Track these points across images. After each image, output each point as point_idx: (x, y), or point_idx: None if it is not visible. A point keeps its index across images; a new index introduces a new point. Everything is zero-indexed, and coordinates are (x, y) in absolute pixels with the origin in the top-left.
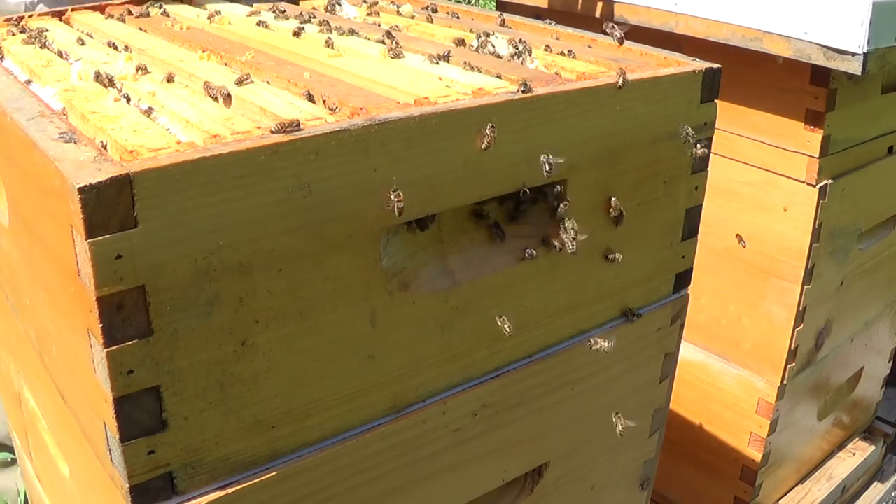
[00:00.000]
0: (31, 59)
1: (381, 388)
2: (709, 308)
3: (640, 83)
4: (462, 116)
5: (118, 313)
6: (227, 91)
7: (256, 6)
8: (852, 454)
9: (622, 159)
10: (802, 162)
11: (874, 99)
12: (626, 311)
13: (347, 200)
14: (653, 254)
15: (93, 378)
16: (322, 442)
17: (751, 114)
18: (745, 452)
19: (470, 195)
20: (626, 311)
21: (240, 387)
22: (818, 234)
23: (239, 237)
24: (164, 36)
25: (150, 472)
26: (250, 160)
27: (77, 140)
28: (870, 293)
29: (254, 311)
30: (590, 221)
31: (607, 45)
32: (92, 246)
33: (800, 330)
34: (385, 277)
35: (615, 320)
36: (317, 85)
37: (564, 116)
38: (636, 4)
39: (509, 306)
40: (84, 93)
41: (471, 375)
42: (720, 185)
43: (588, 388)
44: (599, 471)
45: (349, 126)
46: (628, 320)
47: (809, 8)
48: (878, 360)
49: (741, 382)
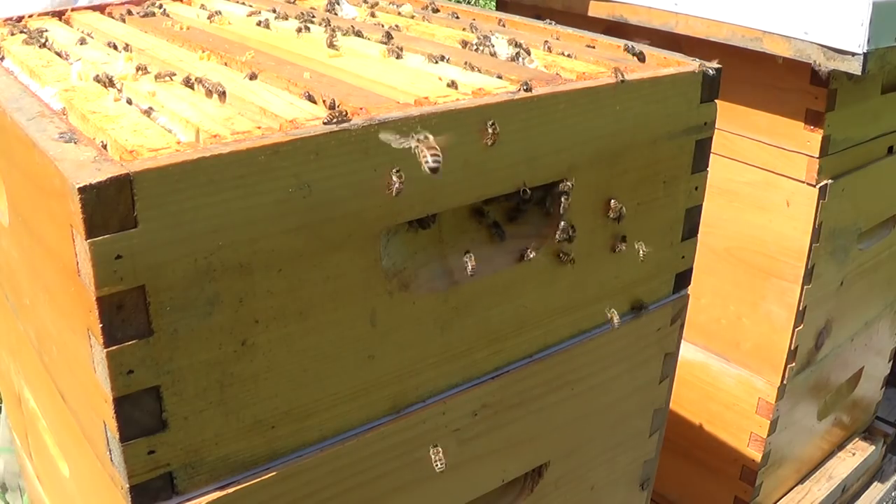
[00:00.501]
0: (31, 59)
1: (381, 388)
2: (709, 308)
3: (640, 83)
4: (462, 116)
5: (118, 313)
6: (222, 88)
7: (256, 6)
8: (852, 454)
9: (622, 159)
10: (802, 162)
11: (874, 99)
12: (635, 304)
13: (347, 200)
14: (653, 254)
15: (93, 378)
16: (322, 442)
17: (751, 114)
18: (745, 452)
19: (470, 195)
20: (635, 304)
21: (240, 387)
22: (818, 234)
23: (239, 237)
24: (164, 36)
25: (150, 472)
26: (250, 160)
27: (77, 140)
28: (870, 293)
29: (254, 311)
30: (589, 221)
31: (607, 45)
32: (92, 246)
33: (800, 330)
34: (385, 277)
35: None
36: (317, 85)
37: (564, 116)
38: (636, 4)
39: (509, 306)
40: (84, 93)
41: (471, 375)
42: (720, 185)
43: (588, 388)
44: (599, 471)
45: (349, 126)
46: (637, 315)
47: (809, 8)
48: (878, 360)
49: (741, 382)
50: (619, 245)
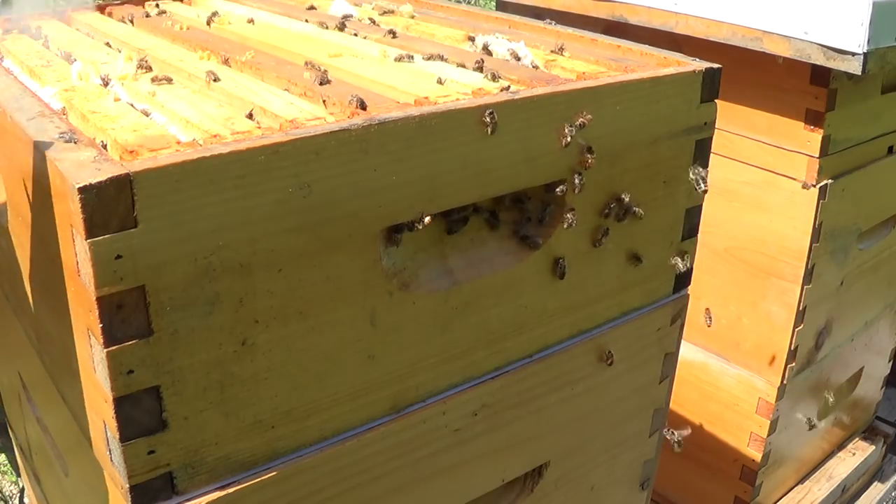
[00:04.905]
0: (31, 59)
1: (381, 388)
2: (709, 308)
3: (640, 83)
4: (462, 116)
5: (118, 313)
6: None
7: (257, 5)
8: (852, 454)
9: (622, 159)
10: (802, 162)
11: (874, 99)
12: (631, 255)
13: (347, 200)
14: (653, 254)
15: (93, 378)
16: (322, 442)
17: (751, 114)
18: (745, 452)
19: (470, 195)
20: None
21: (240, 387)
22: (818, 234)
23: (239, 237)
24: (164, 36)
25: (150, 472)
26: (250, 160)
27: (77, 140)
28: (870, 293)
29: (254, 311)
30: (589, 221)
31: (607, 45)
32: (92, 246)
33: (800, 330)
34: (385, 277)
35: (615, 320)
36: (317, 85)
37: (564, 116)
38: (636, 4)
39: (509, 306)
40: (84, 93)
41: (471, 375)
42: (720, 185)
43: (588, 388)
44: (599, 471)
45: (349, 126)
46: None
47: (809, 8)
48: (878, 360)
49: (741, 382)
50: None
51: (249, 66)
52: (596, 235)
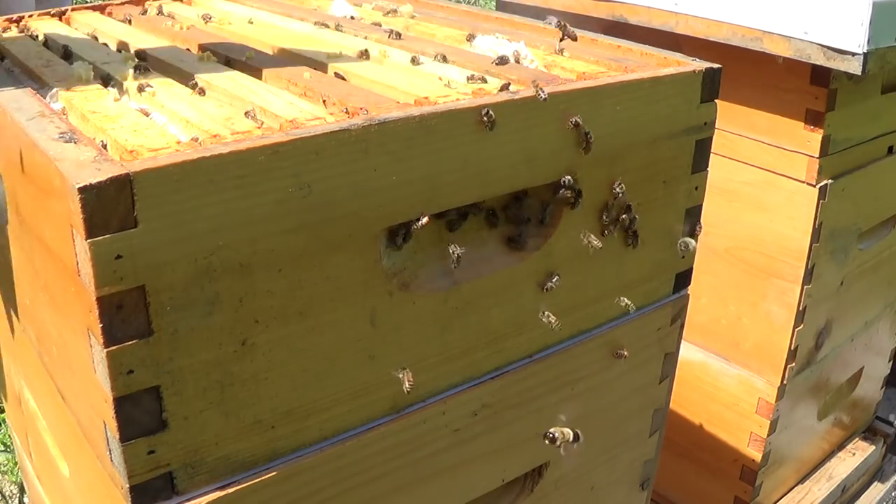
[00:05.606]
0: (31, 60)
1: (381, 388)
2: (709, 308)
3: (640, 83)
4: (462, 116)
5: (118, 313)
6: (200, 86)
7: (257, 5)
8: (852, 454)
9: (622, 159)
10: (802, 162)
11: (874, 99)
12: (631, 254)
13: (347, 200)
14: (653, 254)
15: (93, 378)
16: (322, 442)
17: (751, 114)
18: (745, 452)
19: (470, 195)
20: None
21: (240, 387)
22: (818, 234)
23: (239, 237)
24: (164, 36)
25: (150, 472)
26: (250, 160)
27: (77, 140)
28: (870, 293)
29: (254, 311)
30: (589, 221)
31: (607, 45)
32: (92, 246)
33: (800, 330)
34: (385, 277)
35: (615, 320)
36: (317, 85)
37: (564, 116)
38: (636, 4)
39: (509, 306)
40: (84, 93)
41: (471, 375)
42: (720, 185)
43: (588, 388)
44: (599, 471)
45: (349, 126)
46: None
47: (809, 8)
48: (878, 360)
49: (741, 382)
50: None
51: (249, 66)
52: (596, 235)
